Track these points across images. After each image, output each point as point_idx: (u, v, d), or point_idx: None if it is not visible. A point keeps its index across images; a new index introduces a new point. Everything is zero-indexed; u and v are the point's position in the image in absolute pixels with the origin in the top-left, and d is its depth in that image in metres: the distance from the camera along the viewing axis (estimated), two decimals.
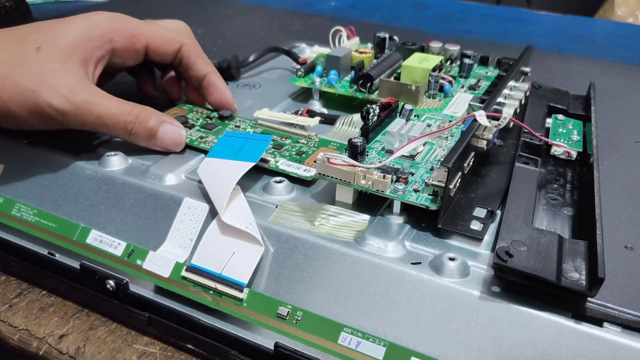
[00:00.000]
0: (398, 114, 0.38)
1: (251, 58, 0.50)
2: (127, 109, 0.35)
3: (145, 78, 0.44)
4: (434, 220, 0.29)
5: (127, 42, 0.38)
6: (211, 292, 0.29)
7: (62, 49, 0.35)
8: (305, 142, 0.37)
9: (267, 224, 0.30)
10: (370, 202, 0.31)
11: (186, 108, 0.42)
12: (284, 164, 0.34)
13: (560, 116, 0.41)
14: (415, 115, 0.39)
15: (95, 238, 0.33)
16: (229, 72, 0.48)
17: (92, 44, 0.36)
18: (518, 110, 0.38)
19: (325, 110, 0.44)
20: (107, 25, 0.37)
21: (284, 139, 0.38)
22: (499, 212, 0.31)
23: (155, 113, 0.36)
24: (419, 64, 0.42)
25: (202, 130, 0.39)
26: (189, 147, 0.37)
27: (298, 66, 0.46)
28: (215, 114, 0.41)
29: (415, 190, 0.30)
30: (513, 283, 0.26)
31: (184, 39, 0.40)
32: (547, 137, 0.38)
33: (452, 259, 0.27)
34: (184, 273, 0.30)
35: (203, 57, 0.41)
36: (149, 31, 0.39)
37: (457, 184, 0.30)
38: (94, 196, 0.34)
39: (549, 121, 0.41)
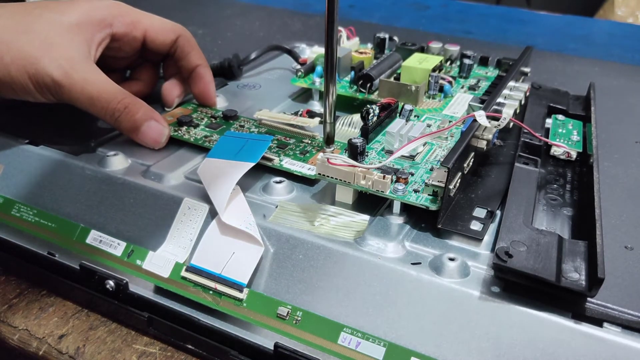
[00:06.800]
0: (398, 115, 0.38)
1: (253, 55, 0.50)
2: (118, 97, 0.35)
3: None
4: (433, 220, 0.29)
5: (127, 29, 0.39)
6: (211, 292, 0.29)
7: (67, 25, 0.36)
8: (309, 141, 0.37)
9: (267, 224, 0.30)
10: (370, 203, 0.31)
11: (191, 108, 0.42)
12: (287, 163, 0.34)
13: (560, 116, 0.41)
14: (415, 116, 0.39)
15: (95, 238, 0.33)
16: (230, 71, 0.48)
17: (93, 26, 0.37)
18: (518, 111, 0.38)
19: None
20: (108, 11, 0.38)
21: (287, 139, 0.37)
22: (498, 212, 0.31)
23: (145, 108, 0.36)
24: (418, 65, 0.42)
25: (207, 129, 0.39)
26: (191, 146, 0.37)
27: (298, 66, 0.46)
28: (219, 114, 0.41)
29: (415, 191, 0.30)
30: (513, 283, 0.26)
31: (181, 31, 0.42)
32: (547, 138, 0.38)
33: (452, 259, 0.27)
34: (183, 273, 0.30)
35: (197, 49, 0.42)
36: (148, 20, 0.40)
37: (457, 184, 0.30)
38: (94, 196, 0.34)
39: (549, 121, 0.41)
